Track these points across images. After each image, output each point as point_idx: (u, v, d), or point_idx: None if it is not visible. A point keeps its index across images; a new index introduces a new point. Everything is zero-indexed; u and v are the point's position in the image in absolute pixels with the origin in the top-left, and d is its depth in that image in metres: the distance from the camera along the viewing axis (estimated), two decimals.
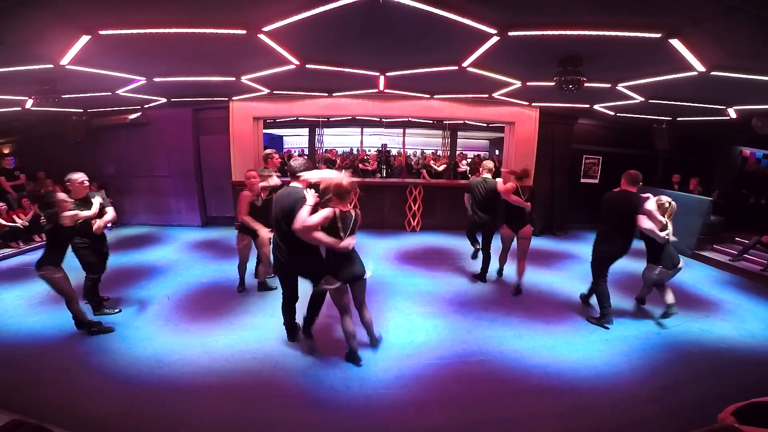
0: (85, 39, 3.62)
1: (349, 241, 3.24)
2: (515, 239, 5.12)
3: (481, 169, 5.43)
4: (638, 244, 4.39)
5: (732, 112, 6.23)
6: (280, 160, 6.07)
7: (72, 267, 3.93)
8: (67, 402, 2.98)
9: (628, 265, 6.52)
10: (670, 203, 4.19)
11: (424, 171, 10.20)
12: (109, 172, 8.78)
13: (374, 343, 3.73)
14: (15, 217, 6.99)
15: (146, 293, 5.00)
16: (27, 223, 7.03)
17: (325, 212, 3.16)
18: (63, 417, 2.76)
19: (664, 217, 4.14)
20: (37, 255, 6.55)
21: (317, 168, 4.50)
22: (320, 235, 3.17)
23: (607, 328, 4.27)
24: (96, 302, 4.37)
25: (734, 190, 8.45)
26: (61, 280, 3.68)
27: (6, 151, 8.49)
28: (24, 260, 6.36)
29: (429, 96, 7.76)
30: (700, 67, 4.01)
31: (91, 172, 8.83)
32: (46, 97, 5.19)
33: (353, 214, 3.32)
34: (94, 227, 4.03)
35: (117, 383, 3.22)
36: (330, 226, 3.20)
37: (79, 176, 4.06)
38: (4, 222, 6.78)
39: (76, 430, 2.59)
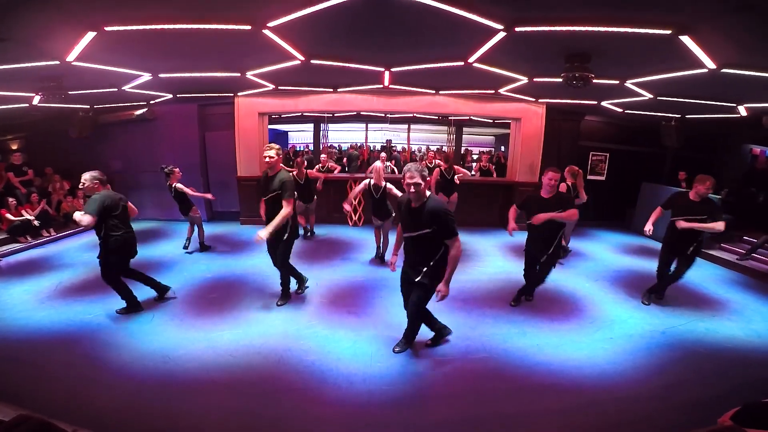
0: (90, 35, 3.63)
1: None
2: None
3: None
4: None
5: (743, 110, 6.14)
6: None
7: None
8: (73, 397, 3.02)
9: (633, 263, 6.51)
10: None
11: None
12: (115, 168, 8.84)
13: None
14: (24, 212, 7.07)
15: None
16: (36, 219, 7.11)
17: None
18: (69, 412, 2.79)
19: None
20: (45, 249, 6.65)
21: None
22: None
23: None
24: None
25: (743, 188, 8.33)
26: None
27: (14, 147, 8.59)
28: (32, 255, 6.44)
29: (434, 92, 7.70)
30: (710, 64, 3.95)
31: (98, 167, 8.97)
32: (52, 94, 5.21)
33: None
34: None
35: (123, 378, 3.25)
36: None
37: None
38: (12, 217, 6.85)
39: (83, 425, 2.61)
